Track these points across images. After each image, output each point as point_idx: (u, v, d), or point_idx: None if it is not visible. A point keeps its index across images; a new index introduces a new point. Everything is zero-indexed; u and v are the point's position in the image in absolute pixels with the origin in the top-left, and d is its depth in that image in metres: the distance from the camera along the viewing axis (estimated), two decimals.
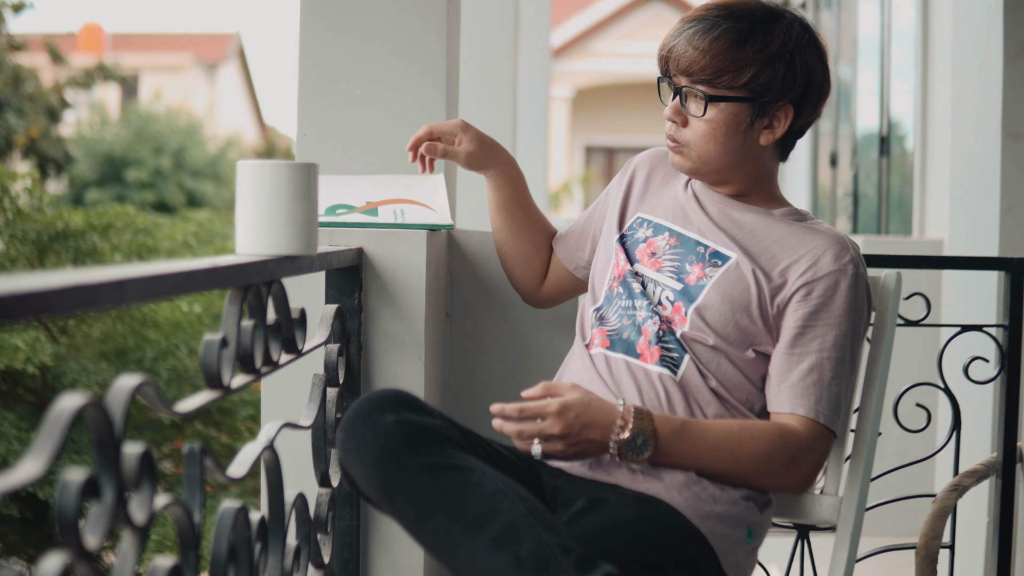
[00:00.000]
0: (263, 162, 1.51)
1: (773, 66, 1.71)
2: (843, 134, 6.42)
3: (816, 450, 1.69)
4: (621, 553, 1.48)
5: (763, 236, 1.78)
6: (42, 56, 15.28)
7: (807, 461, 1.68)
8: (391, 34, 2.12)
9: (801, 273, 1.72)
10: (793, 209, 1.83)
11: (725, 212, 1.81)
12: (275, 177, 1.50)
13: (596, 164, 19.24)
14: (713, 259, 1.76)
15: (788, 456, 1.67)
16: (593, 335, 1.79)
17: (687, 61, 1.73)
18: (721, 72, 1.71)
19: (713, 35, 1.71)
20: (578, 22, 17.89)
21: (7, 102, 13.87)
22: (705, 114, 1.74)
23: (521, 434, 1.59)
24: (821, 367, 1.69)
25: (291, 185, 1.50)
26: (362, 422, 1.52)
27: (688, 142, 1.77)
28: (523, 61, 6.45)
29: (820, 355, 1.70)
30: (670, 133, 1.79)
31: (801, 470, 1.68)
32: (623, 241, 1.85)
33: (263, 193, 1.50)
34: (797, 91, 1.74)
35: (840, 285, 1.72)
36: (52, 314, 0.93)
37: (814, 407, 1.68)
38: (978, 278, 2.94)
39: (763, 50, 1.71)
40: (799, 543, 2.13)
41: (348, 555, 1.89)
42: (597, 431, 1.59)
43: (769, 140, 1.77)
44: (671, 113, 1.78)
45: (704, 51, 1.71)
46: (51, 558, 0.93)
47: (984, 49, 2.99)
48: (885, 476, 2.24)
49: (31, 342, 5.04)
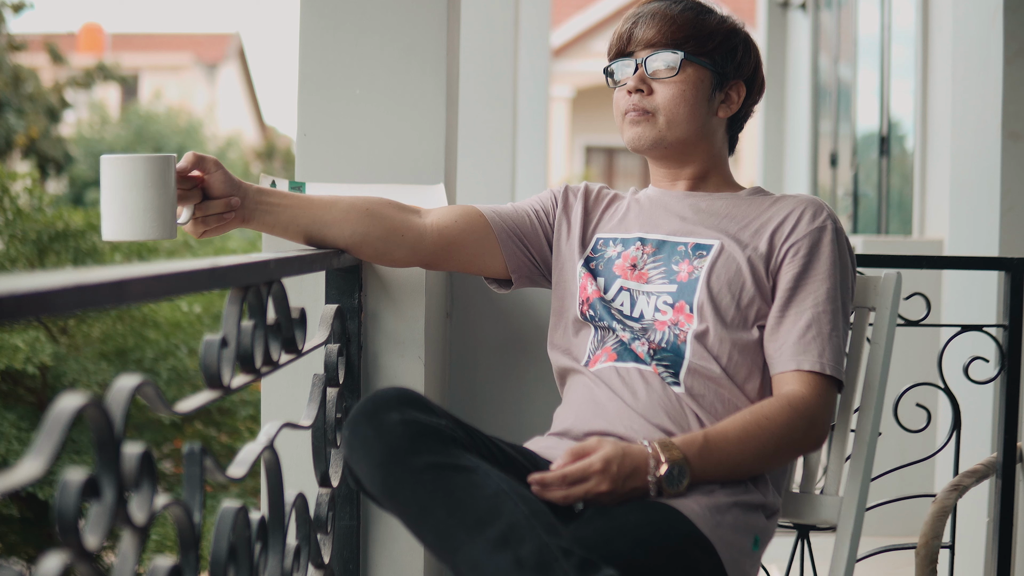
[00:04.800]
0: (122, 156, 1.64)
1: (731, 40, 1.84)
2: (843, 134, 6.42)
3: (827, 405, 1.72)
4: (624, 556, 1.47)
5: (738, 215, 1.82)
6: (42, 56, 15.27)
7: (821, 418, 1.71)
8: (391, 33, 2.12)
9: (786, 236, 1.78)
10: (756, 188, 1.90)
11: (691, 205, 1.85)
12: (131, 169, 1.62)
13: (596, 164, 19.25)
14: (697, 251, 1.78)
15: (805, 420, 1.69)
16: (597, 355, 1.79)
17: (654, 30, 1.81)
18: (689, 37, 1.81)
19: (677, 8, 1.83)
20: (578, 22, 17.89)
21: (7, 102, 13.86)
22: (678, 75, 1.80)
23: (568, 499, 1.57)
24: (819, 321, 1.73)
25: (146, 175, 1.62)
26: (367, 420, 1.52)
27: (657, 107, 1.81)
28: (523, 61, 6.45)
29: (816, 310, 1.73)
30: (634, 103, 1.82)
31: (817, 429, 1.70)
32: (588, 264, 1.85)
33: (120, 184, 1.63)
34: (749, 71, 1.87)
35: (823, 240, 1.77)
36: (52, 314, 0.93)
37: (818, 360, 1.71)
38: (978, 278, 2.93)
39: (723, 24, 1.84)
40: (799, 543, 2.13)
41: (348, 555, 1.89)
42: (638, 478, 1.58)
43: (726, 113, 1.86)
44: (636, 83, 1.82)
45: (672, 19, 1.81)
46: (51, 558, 0.93)
47: (984, 49, 2.99)
48: (885, 476, 2.24)
49: (31, 342, 5.04)
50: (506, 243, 1.86)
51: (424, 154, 2.08)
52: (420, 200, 1.99)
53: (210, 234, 1.73)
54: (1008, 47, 2.86)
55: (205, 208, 1.70)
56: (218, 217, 1.71)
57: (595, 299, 1.80)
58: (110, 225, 1.64)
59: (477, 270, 1.89)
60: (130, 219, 1.62)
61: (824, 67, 6.97)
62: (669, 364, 1.73)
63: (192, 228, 1.72)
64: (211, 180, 1.70)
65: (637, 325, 1.76)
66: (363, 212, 1.79)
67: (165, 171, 1.63)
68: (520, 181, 6.66)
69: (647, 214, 1.86)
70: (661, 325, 1.75)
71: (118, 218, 1.63)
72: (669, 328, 1.74)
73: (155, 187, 1.62)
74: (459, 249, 1.84)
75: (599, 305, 1.79)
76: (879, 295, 1.91)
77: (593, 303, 1.80)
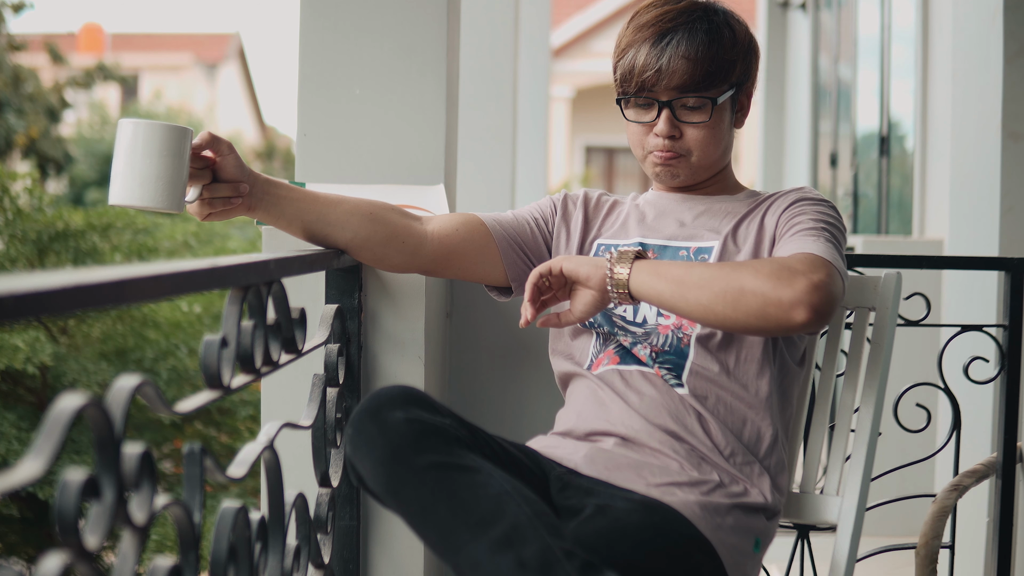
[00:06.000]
0: (142, 120, 1.63)
1: (747, 55, 1.81)
2: (843, 134, 6.42)
3: (813, 271, 1.58)
4: (626, 558, 1.47)
5: (735, 214, 1.82)
6: (42, 56, 15.27)
7: (802, 275, 1.56)
8: (391, 33, 2.12)
9: (781, 211, 1.77)
10: (752, 191, 1.89)
11: (691, 208, 1.85)
12: (149, 135, 1.61)
13: (596, 164, 19.24)
14: (700, 255, 1.78)
15: (779, 265, 1.59)
16: (599, 359, 1.79)
17: (680, 77, 1.74)
18: (713, 75, 1.76)
19: (696, 43, 1.74)
20: (578, 22, 17.89)
21: (7, 102, 13.86)
22: (711, 119, 1.76)
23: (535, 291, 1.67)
24: (816, 233, 1.69)
25: (163, 143, 1.61)
26: (371, 418, 1.52)
27: (690, 150, 1.79)
28: (523, 61, 6.46)
29: (814, 225, 1.71)
30: (666, 147, 1.78)
31: (794, 281, 1.55)
32: None
33: (136, 149, 1.62)
34: (756, 73, 1.85)
35: (807, 199, 1.77)
36: (52, 314, 0.93)
37: (813, 246, 1.65)
38: (978, 278, 2.94)
39: (736, 44, 1.79)
40: (799, 543, 2.13)
41: (348, 555, 1.89)
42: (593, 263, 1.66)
43: (742, 123, 1.86)
44: (667, 129, 1.77)
45: (696, 60, 1.74)
46: (51, 558, 0.93)
47: (984, 49, 2.99)
48: (885, 476, 2.24)
49: (31, 342, 5.04)
50: (507, 252, 1.85)
51: (424, 154, 2.09)
52: (420, 200, 1.99)
53: (214, 218, 1.71)
54: (1008, 47, 2.86)
55: (213, 190, 1.68)
56: (225, 201, 1.69)
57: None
58: (119, 189, 1.63)
59: (477, 278, 1.87)
60: (140, 184, 1.61)
61: (824, 67, 6.97)
62: (672, 367, 1.72)
63: (197, 209, 1.69)
64: (223, 162, 1.68)
65: (640, 330, 1.76)
66: (366, 215, 1.78)
67: (182, 143, 1.63)
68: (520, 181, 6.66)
69: (647, 219, 1.86)
70: (664, 329, 1.75)
71: (129, 183, 1.62)
72: (672, 332, 1.74)
73: (170, 157, 1.62)
74: (459, 258, 1.83)
75: (598, 313, 1.79)
76: (879, 295, 1.91)
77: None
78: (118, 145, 1.63)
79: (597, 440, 1.72)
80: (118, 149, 1.63)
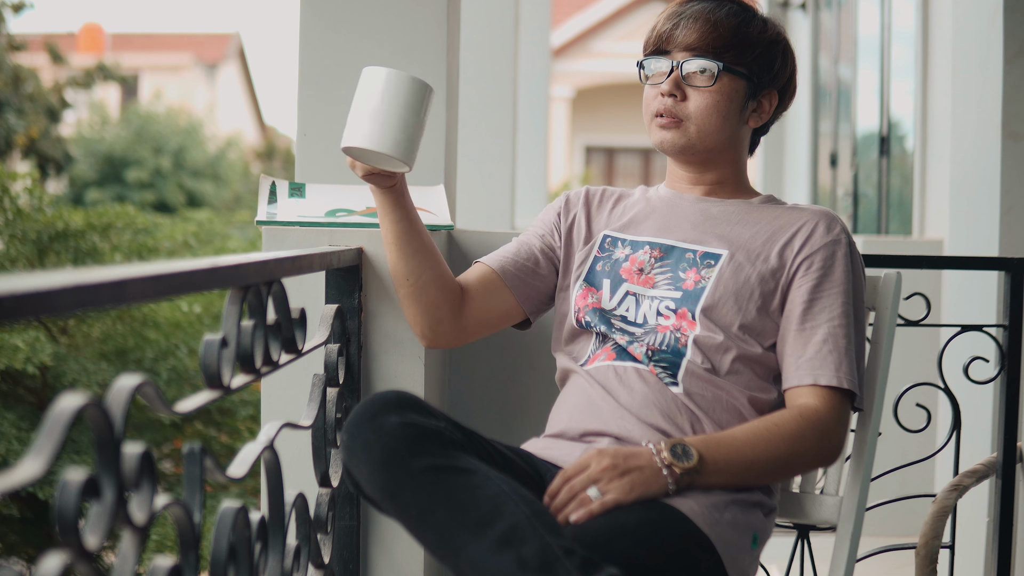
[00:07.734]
0: (392, 70, 1.68)
1: (771, 51, 1.80)
2: (843, 134, 6.42)
3: (842, 420, 1.70)
4: (625, 555, 1.47)
5: (749, 224, 1.81)
6: (42, 56, 15.27)
7: (836, 433, 1.69)
8: (391, 33, 2.12)
9: (798, 249, 1.76)
10: (768, 196, 1.88)
11: (703, 211, 1.84)
12: (401, 86, 1.66)
13: (596, 164, 19.24)
14: (706, 260, 1.77)
15: (818, 432, 1.67)
16: (596, 355, 1.79)
17: (696, 34, 1.77)
18: (729, 47, 1.77)
19: (721, 12, 1.78)
20: (578, 22, 17.89)
21: (7, 102, 13.86)
22: (715, 84, 1.76)
23: (572, 490, 1.56)
24: (835, 335, 1.71)
25: (414, 97, 1.67)
26: (366, 423, 1.52)
27: (689, 115, 1.79)
28: (523, 61, 6.46)
29: (831, 324, 1.72)
30: (667, 107, 1.79)
31: (832, 442, 1.68)
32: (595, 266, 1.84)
33: (388, 97, 1.66)
34: (783, 81, 1.84)
35: (837, 254, 1.76)
36: (52, 314, 0.93)
37: (835, 374, 1.70)
38: (978, 278, 2.94)
39: (764, 33, 1.80)
40: (799, 543, 2.13)
41: (348, 555, 1.89)
42: (640, 457, 1.58)
43: (757, 123, 1.85)
44: (671, 87, 1.78)
45: (715, 24, 1.77)
46: (51, 558, 0.93)
47: (984, 49, 2.99)
48: (885, 476, 2.24)
49: (31, 342, 5.04)
50: (519, 289, 1.88)
51: (424, 154, 2.08)
52: (420, 200, 1.99)
53: (374, 180, 1.75)
54: (1008, 47, 2.86)
55: None
56: (389, 176, 1.75)
57: (591, 308, 1.80)
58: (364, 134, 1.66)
59: (502, 327, 1.91)
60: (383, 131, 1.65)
61: (824, 67, 6.97)
62: (667, 365, 1.73)
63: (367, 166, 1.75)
64: None
65: (639, 330, 1.76)
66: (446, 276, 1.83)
67: (428, 100, 1.70)
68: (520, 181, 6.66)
69: (659, 217, 1.85)
70: (663, 329, 1.75)
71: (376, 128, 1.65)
72: (671, 332, 1.74)
73: (416, 112, 1.68)
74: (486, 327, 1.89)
75: (595, 314, 1.79)
76: (879, 295, 1.91)
77: (588, 312, 1.80)
78: (364, 91, 1.67)
79: (592, 441, 1.72)
80: (364, 95, 1.67)
